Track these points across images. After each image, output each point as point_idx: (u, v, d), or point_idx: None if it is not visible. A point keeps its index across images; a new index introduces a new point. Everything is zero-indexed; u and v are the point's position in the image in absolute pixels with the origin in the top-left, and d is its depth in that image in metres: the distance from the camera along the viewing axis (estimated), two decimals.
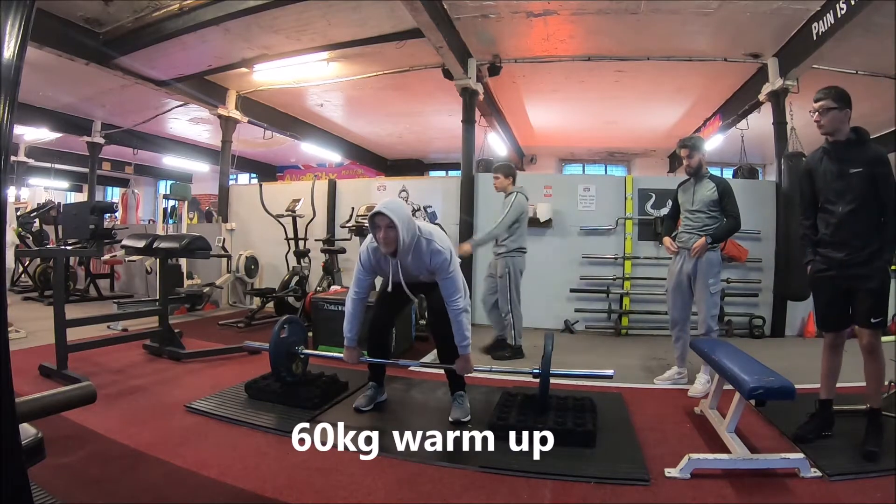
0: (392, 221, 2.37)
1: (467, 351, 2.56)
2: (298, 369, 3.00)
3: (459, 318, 2.51)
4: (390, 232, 2.40)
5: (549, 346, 2.54)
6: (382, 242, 2.44)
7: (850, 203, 2.28)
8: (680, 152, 3.40)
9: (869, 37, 4.60)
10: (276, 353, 2.83)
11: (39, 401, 1.00)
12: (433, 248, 2.50)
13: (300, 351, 2.98)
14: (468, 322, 2.54)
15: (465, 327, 2.51)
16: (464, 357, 2.57)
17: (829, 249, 2.38)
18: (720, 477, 2.04)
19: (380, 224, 2.42)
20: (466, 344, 2.54)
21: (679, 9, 4.83)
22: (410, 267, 2.56)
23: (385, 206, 2.39)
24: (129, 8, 5.14)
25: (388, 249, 2.46)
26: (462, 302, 2.51)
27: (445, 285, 2.52)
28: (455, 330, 2.52)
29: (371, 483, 2.00)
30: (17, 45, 0.83)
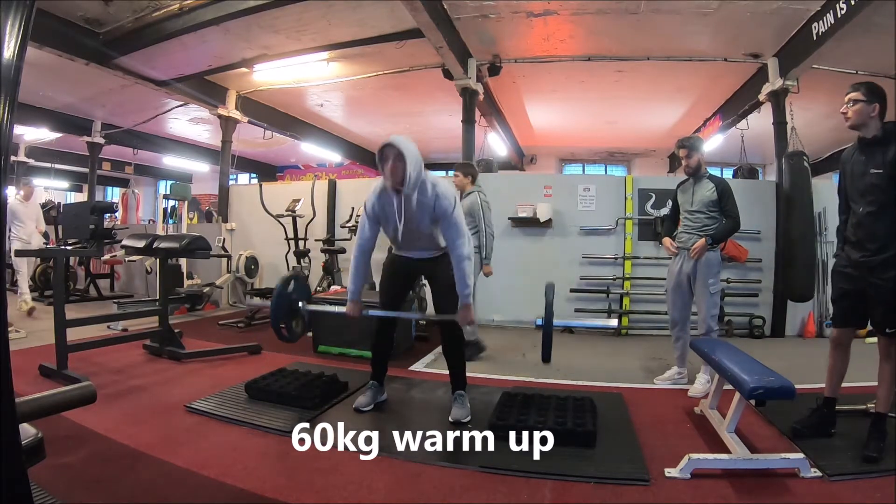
0: (401, 152, 2.37)
1: (469, 300, 2.53)
2: (298, 327, 2.89)
3: (462, 265, 2.48)
4: (398, 163, 2.40)
5: (550, 294, 2.49)
6: (390, 174, 2.43)
7: (869, 204, 2.24)
8: (678, 152, 3.39)
9: (869, 37, 4.60)
10: (277, 305, 2.73)
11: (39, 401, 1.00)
12: (438, 192, 2.49)
13: (303, 307, 2.87)
14: (471, 270, 2.52)
15: (467, 274, 2.49)
16: (465, 307, 2.54)
17: (850, 248, 2.36)
18: (720, 477, 2.04)
19: (388, 155, 2.41)
20: (468, 293, 2.51)
21: (679, 9, 4.83)
22: (414, 209, 2.51)
23: (394, 139, 2.41)
24: (129, 8, 5.14)
25: (394, 181, 2.43)
26: (466, 248, 2.49)
27: (449, 228, 2.50)
28: (457, 276, 2.50)
29: (371, 483, 2.00)
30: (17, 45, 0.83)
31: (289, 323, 2.82)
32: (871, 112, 2.22)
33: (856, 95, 2.24)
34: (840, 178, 2.48)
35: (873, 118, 2.23)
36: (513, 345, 4.62)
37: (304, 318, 2.92)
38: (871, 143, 2.26)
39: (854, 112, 2.25)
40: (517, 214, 5.57)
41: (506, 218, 5.65)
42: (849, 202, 2.39)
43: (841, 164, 2.46)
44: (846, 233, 2.40)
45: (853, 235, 2.33)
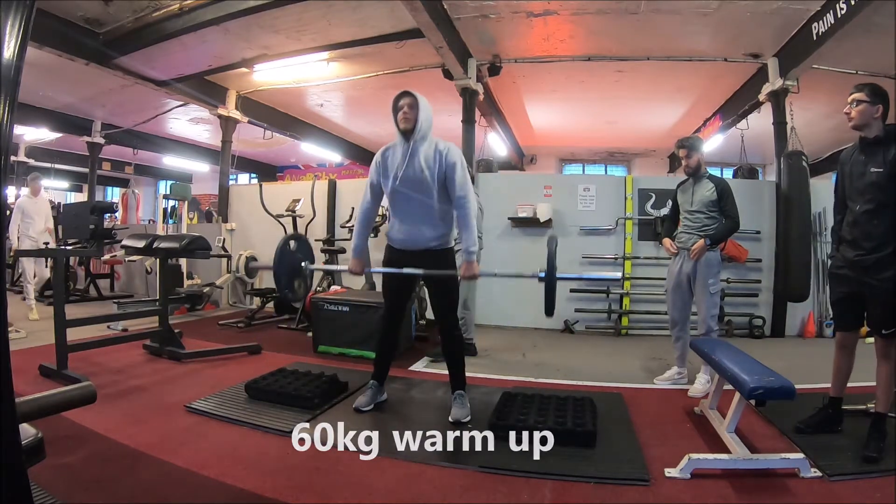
0: (416, 101, 2.51)
1: (473, 257, 2.55)
2: (301, 288, 2.92)
3: (468, 218, 2.51)
4: (411, 111, 2.51)
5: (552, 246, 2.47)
6: (402, 118, 2.53)
7: (867, 203, 2.24)
8: (678, 152, 3.39)
9: (869, 37, 4.60)
10: (280, 266, 2.75)
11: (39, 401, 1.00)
12: (449, 146, 2.58)
13: (305, 266, 2.89)
14: (475, 223, 2.56)
15: (473, 229, 2.53)
16: (468, 262, 2.55)
17: (845, 247, 2.36)
18: (720, 477, 2.04)
19: (403, 103, 2.53)
20: (473, 249, 2.53)
21: (679, 9, 4.83)
22: (420, 161, 2.54)
23: (412, 90, 2.53)
24: (129, 8, 5.14)
25: (406, 125, 2.53)
26: (470, 203, 2.53)
27: (455, 182, 2.53)
28: (462, 232, 2.53)
29: (371, 483, 2.00)
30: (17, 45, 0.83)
31: (291, 283, 2.86)
32: (875, 113, 2.24)
33: (860, 96, 2.25)
34: (838, 179, 2.48)
35: (876, 119, 2.25)
36: (513, 345, 4.63)
37: (307, 277, 2.98)
38: (872, 143, 2.27)
39: (858, 112, 2.26)
40: (517, 214, 5.57)
41: (506, 218, 5.66)
42: (846, 202, 2.40)
43: (839, 165, 2.47)
44: (842, 232, 2.41)
45: (849, 234, 2.34)
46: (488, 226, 5.75)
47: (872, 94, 2.24)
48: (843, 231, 2.39)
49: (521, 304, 5.62)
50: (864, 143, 2.31)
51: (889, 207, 2.20)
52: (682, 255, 3.32)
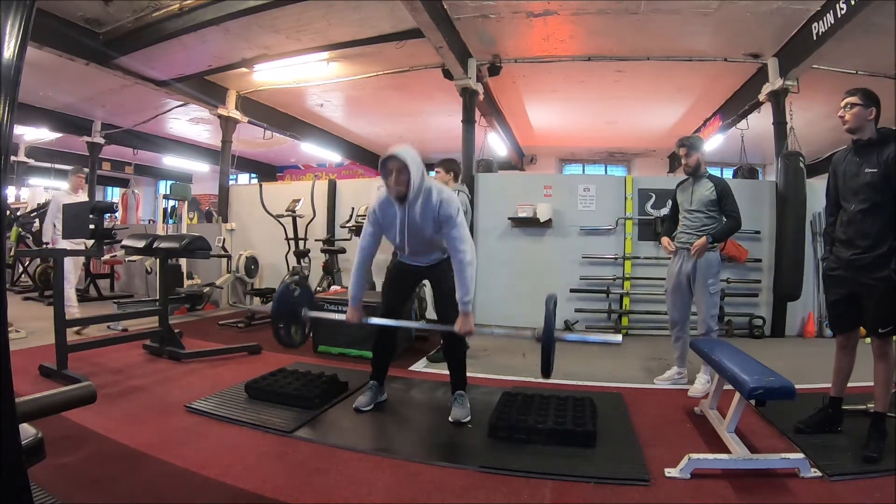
0: (404, 164, 2.38)
1: (468, 308, 2.47)
2: (297, 335, 2.86)
3: (464, 271, 2.44)
4: (402, 175, 2.40)
5: (550, 307, 2.41)
6: (394, 185, 2.42)
7: (862, 202, 2.28)
8: (679, 151, 3.40)
9: (869, 37, 4.60)
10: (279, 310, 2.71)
11: (39, 401, 1.00)
12: (442, 198, 2.48)
13: (304, 312, 2.84)
14: (472, 277, 2.47)
15: (469, 282, 2.45)
16: (464, 315, 2.48)
17: (839, 247, 2.39)
18: (720, 477, 2.04)
19: (391, 167, 2.41)
20: (468, 300, 2.46)
21: (679, 9, 4.83)
22: (418, 217, 2.50)
23: (397, 150, 2.40)
24: (129, 8, 5.14)
25: (398, 191, 2.43)
26: (468, 255, 2.46)
27: (452, 235, 2.47)
28: (458, 282, 2.46)
29: (371, 483, 2.00)
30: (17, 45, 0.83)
31: (289, 327, 2.81)
32: (869, 115, 2.29)
33: (853, 100, 2.31)
34: (830, 181, 2.52)
35: (870, 121, 2.30)
36: (513, 345, 4.62)
37: (306, 324, 2.92)
38: (866, 145, 2.32)
39: (852, 116, 2.31)
40: (517, 214, 5.56)
41: (506, 218, 5.66)
42: (839, 204, 2.44)
43: (832, 167, 2.51)
44: (836, 232, 2.44)
45: (843, 234, 2.37)
46: (488, 226, 5.77)
47: (865, 98, 2.30)
48: (838, 231, 2.42)
49: (521, 304, 5.62)
50: (857, 146, 2.36)
51: (883, 207, 2.24)
52: (681, 255, 3.32)
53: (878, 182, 2.24)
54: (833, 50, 4.65)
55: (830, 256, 2.47)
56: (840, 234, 2.39)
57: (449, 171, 3.98)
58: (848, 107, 2.32)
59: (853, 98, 2.31)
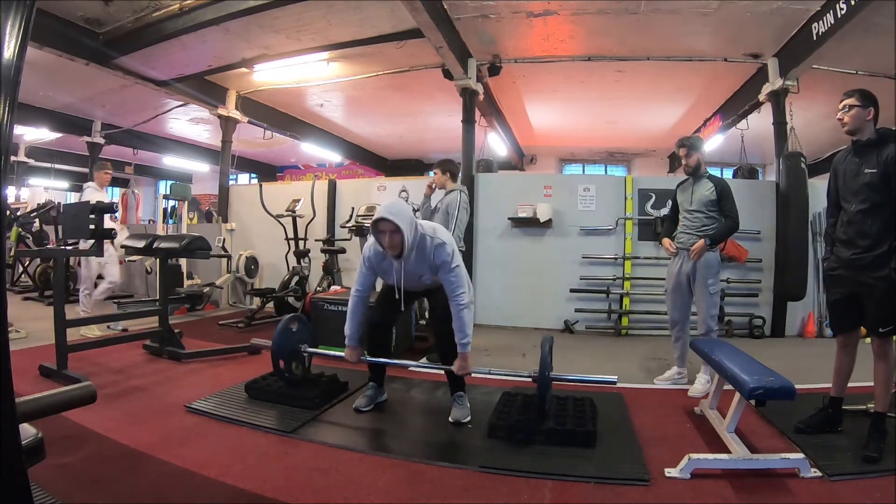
0: (397, 226, 2.36)
1: (467, 349, 2.52)
2: (298, 370, 2.97)
3: (461, 314, 2.48)
4: (395, 236, 2.39)
5: (546, 348, 2.48)
6: (388, 247, 2.44)
7: (862, 202, 2.29)
8: (679, 152, 3.40)
9: (869, 37, 4.60)
10: (279, 347, 2.80)
11: (39, 401, 0.99)
12: (436, 244, 2.50)
13: (304, 349, 2.95)
14: (470, 319, 2.51)
15: (467, 324, 2.48)
16: (462, 356, 2.53)
17: (840, 247, 2.40)
18: (720, 477, 2.04)
19: (384, 230, 2.41)
20: (467, 342, 2.50)
21: (679, 9, 4.83)
22: (414, 265, 2.54)
23: (387, 212, 2.38)
24: (129, 8, 5.14)
25: (394, 253, 2.45)
26: (466, 297, 2.49)
27: (449, 280, 2.49)
28: (456, 326, 2.49)
29: (371, 483, 2.00)
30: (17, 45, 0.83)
31: (289, 366, 2.88)
32: (867, 116, 2.30)
33: (851, 101, 2.32)
34: (830, 182, 2.53)
35: (868, 122, 2.31)
36: (513, 345, 4.63)
37: (305, 361, 3.00)
38: (866, 146, 2.33)
39: (850, 117, 2.32)
40: (517, 214, 5.57)
41: (506, 218, 5.66)
42: (839, 204, 2.45)
43: (832, 168, 2.52)
44: (836, 233, 2.44)
45: (844, 234, 2.37)
46: (488, 226, 5.77)
47: (863, 98, 2.31)
48: (838, 231, 2.43)
49: (521, 304, 5.63)
50: (857, 146, 2.37)
51: (883, 207, 2.24)
52: (681, 256, 3.32)
53: (877, 182, 2.24)
54: (833, 50, 4.65)
55: (831, 256, 2.48)
56: (840, 234, 2.40)
57: (446, 172, 4.01)
58: (846, 108, 2.33)
59: (851, 100, 2.32)
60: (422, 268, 2.55)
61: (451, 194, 3.96)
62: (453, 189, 3.99)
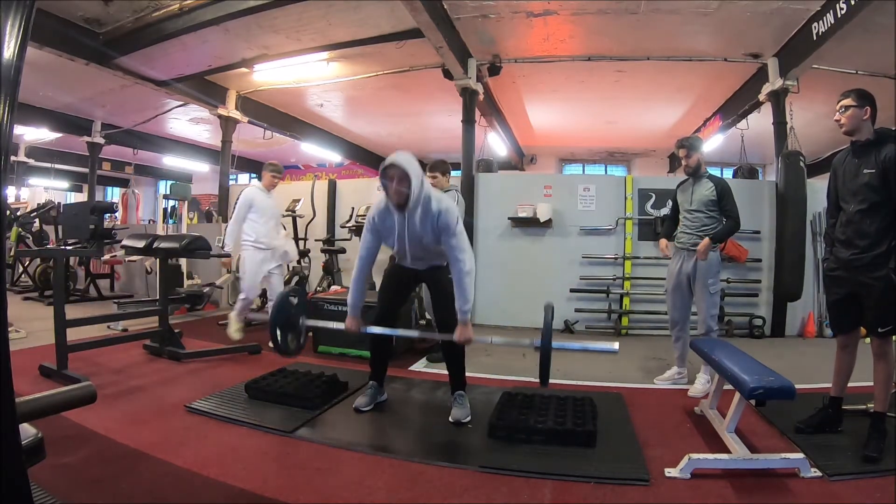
0: (405, 172, 2.37)
1: (467, 317, 2.49)
2: (294, 343, 2.86)
3: (463, 280, 2.46)
4: (402, 183, 2.39)
5: (549, 316, 2.44)
6: (394, 194, 2.42)
7: (860, 203, 2.29)
8: (678, 152, 3.40)
9: (869, 37, 4.60)
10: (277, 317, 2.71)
11: (39, 401, 0.99)
12: (441, 206, 2.49)
13: (302, 322, 2.86)
14: (471, 286, 2.48)
15: (468, 290, 2.46)
16: (462, 324, 2.50)
17: (839, 248, 2.40)
18: (720, 477, 2.04)
19: (392, 175, 2.41)
20: (467, 309, 2.48)
21: (679, 9, 4.83)
22: (417, 226, 2.51)
23: (397, 158, 2.40)
24: (129, 8, 5.14)
25: (398, 200, 2.43)
26: (468, 263, 2.47)
27: (451, 244, 2.48)
28: (457, 292, 2.47)
29: (371, 483, 2.00)
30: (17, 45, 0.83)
31: (285, 336, 2.81)
32: (864, 116, 2.30)
33: (848, 102, 2.32)
34: (830, 182, 2.53)
35: (865, 121, 2.31)
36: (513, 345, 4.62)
37: (302, 333, 2.93)
38: (864, 146, 2.33)
39: (847, 118, 2.32)
40: (517, 214, 5.57)
41: (506, 218, 5.66)
42: (839, 205, 2.45)
43: (832, 168, 2.52)
44: (835, 233, 2.45)
45: (842, 234, 2.38)
46: (488, 226, 5.77)
47: (859, 98, 2.31)
48: (837, 231, 2.43)
49: (521, 304, 5.62)
50: (855, 147, 2.37)
51: (882, 207, 2.24)
52: (681, 256, 3.32)
53: (876, 182, 2.24)
54: (833, 50, 4.65)
55: (830, 257, 2.48)
56: (839, 234, 2.40)
57: (445, 174, 4.06)
58: (843, 109, 2.33)
59: (847, 100, 2.32)
60: (424, 229, 2.51)
61: (448, 193, 3.98)
62: (448, 189, 4.03)
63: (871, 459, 2.14)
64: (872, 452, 2.16)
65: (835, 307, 2.46)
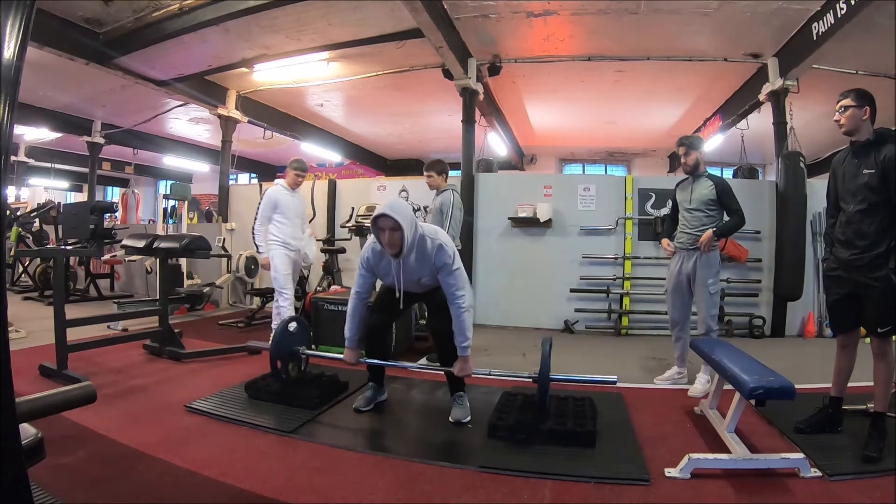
0: (397, 223, 2.35)
1: (467, 353, 2.52)
2: (295, 370, 2.98)
3: (462, 317, 2.47)
4: (395, 234, 2.38)
5: (546, 349, 2.49)
6: (388, 244, 2.42)
7: (860, 203, 2.29)
8: (678, 150, 3.40)
9: (869, 37, 4.60)
10: (277, 349, 2.82)
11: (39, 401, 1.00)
12: (436, 245, 2.49)
13: (302, 351, 2.97)
14: (470, 321, 2.51)
15: (467, 326, 2.48)
16: (462, 359, 2.53)
17: (838, 248, 2.40)
18: (720, 477, 2.04)
19: (383, 227, 2.39)
20: (467, 345, 2.50)
21: (679, 9, 4.83)
22: (413, 266, 2.53)
23: (388, 208, 2.37)
24: (129, 8, 5.14)
25: (393, 251, 2.44)
26: (466, 300, 2.49)
27: (449, 282, 2.49)
28: (456, 328, 2.50)
29: (371, 483, 2.00)
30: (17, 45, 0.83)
31: (287, 367, 2.89)
32: (863, 116, 2.30)
33: (847, 102, 2.32)
34: (830, 182, 2.53)
35: (865, 121, 2.31)
36: (513, 345, 4.62)
37: (302, 362, 3.02)
38: (864, 146, 2.33)
39: (847, 118, 2.32)
40: (517, 214, 5.57)
41: (506, 218, 5.66)
42: (838, 205, 2.45)
43: (832, 169, 2.52)
44: (835, 233, 2.45)
45: (842, 234, 2.38)
46: (488, 226, 5.77)
47: (859, 98, 2.31)
48: (837, 232, 2.43)
49: (521, 304, 5.62)
50: (855, 147, 2.37)
51: (881, 207, 2.24)
52: (681, 256, 3.32)
53: (875, 183, 2.24)
54: (833, 50, 4.65)
55: (830, 257, 2.48)
56: (839, 234, 2.40)
57: (441, 174, 4.06)
58: (842, 109, 2.33)
59: (846, 100, 2.32)
60: (421, 269, 2.54)
61: (444, 193, 3.99)
62: (445, 188, 4.02)
63: (871, 459, 2.14)
64: (872, 452, 2.16)
65: (835, 307, 2.47)
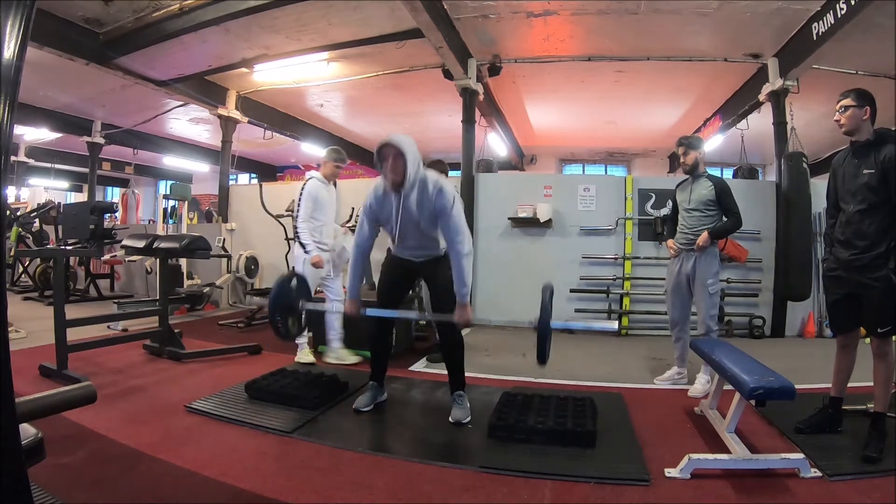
0: (400, 150, 2.37)
1: (466, 299, 2.49)
2: (294, 326, 2.83)
3: (461, 262, 2.45)
4: (398, 161, 2.39)
5: (546, 295, 2.44)
6: (390, 172, 2.42)
7: (860, 203, 2.29)
8: (678, 150, 3.40)
9: (869, 37, 4.60)
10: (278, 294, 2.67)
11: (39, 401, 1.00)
12: (438, 188, 2.47)
13: (302, 306, 2.80)
14: (469, 267, 2.48)
15: (466, 272, 2.46)
16: (462, 306, 2.49)
17: (838, 248, 2.40)
18: (720, 477, 2.04)
19: (387, 154, 2.41)
20: (466, 291, 2.48)
21: (679, 9, 4.83)
22: (413, 208, 2.50)
23: (393, 137, 2.40)
24: (129, 8, 5.14)
25: (394, 179, 2.42)
26: (465, 246, 2.47)
27: (448, 226, 2.47)
28: (455, 275, 2.47)
29: (371, 483, 1.99)
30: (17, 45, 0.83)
31: (286, 319, 2.77)
32: (863, 116, 2.30)
33: (847, 102, 2.32)
34: (830, 182, 2.53)
35: (865, 121, 2.31)
36: (513, 345, 4.62)
37: (302, 316, 2.89)
38: (864, 146, 2.32)
39: (847, 118, 2.32)
40: (517, 214, 5.57)
41: (506, 218, 5.66)
42: (838, 205, 2.45)
43: (832, 169, 2.52)
44: (835, 234, 2.45)
45: (842, 234, 2.38)
46: (488, 226, 5.77)
47: (859, 98, 2.31)
48: (836, 232, 2.43)
49: (521, 304, 5.61)
50: (855, 147, 2.37)
51: (881, 208, 2.24)
52: (680, 256, 3.32)
53: (875, 183, 2.24)
54: (833, 50, 4.65)
55: (830, 257, 2.48)
56: (839, 234, 2.40)
57: (441, 174, 4.03)
58: (842, 109, 2.33)
59: (847, 100, 2.32)
60: (421, 211, 2.50)
61: None
62: None
63: (870, 460, 2.14)
64: (872, 453, 2.16)
65: (834, 307, 2.47)
